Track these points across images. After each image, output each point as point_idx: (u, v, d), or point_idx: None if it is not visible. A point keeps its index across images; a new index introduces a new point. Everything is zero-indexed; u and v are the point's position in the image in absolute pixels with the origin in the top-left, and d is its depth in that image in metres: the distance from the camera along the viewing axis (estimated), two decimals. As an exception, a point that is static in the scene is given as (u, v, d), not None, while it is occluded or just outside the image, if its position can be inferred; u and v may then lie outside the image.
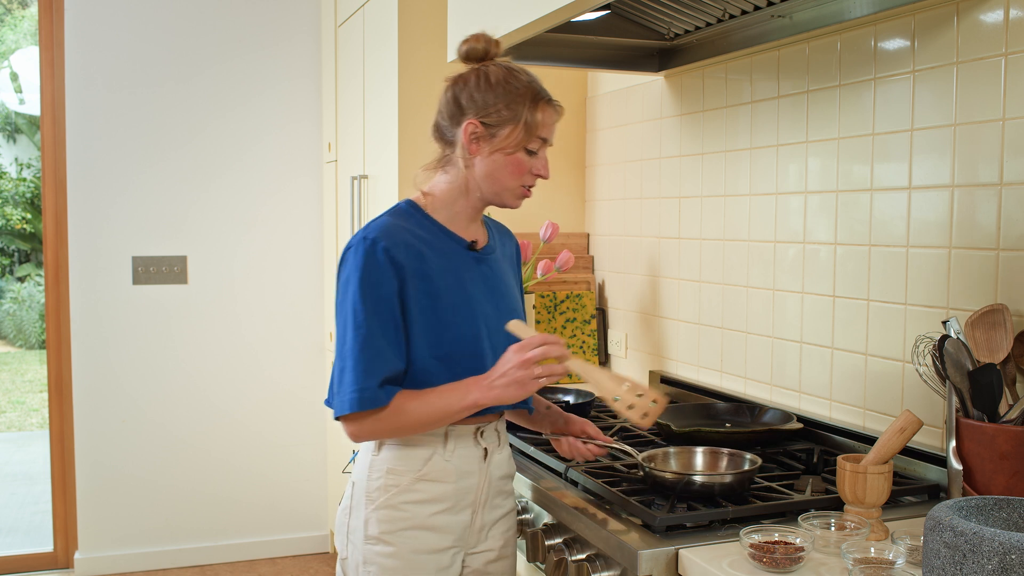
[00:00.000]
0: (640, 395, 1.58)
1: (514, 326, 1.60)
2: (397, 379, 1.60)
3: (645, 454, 1.79)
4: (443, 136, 1.69)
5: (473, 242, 1.70)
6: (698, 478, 1.68)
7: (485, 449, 1.68)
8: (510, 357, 1.56)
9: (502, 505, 1.74)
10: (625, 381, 1.60)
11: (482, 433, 1.68)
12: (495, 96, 1.62)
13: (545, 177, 1.68)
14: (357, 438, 1.62)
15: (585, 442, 1.76)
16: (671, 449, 1.86)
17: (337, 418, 1.61)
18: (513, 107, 1.62)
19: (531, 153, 1.64)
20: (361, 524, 1.65)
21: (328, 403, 1.68)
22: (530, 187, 1.68)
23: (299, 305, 3.95)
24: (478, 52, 1.68)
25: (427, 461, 1.64)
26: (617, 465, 1.88)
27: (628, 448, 1.79)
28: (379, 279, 1.58)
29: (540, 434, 1.95)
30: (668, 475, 1.70)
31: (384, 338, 1.57)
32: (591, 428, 1.79)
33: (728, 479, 1.67)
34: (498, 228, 1.84)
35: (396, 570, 1.62)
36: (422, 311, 1.60)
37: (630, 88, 2.86)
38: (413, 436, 1.63)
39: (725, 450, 1.83)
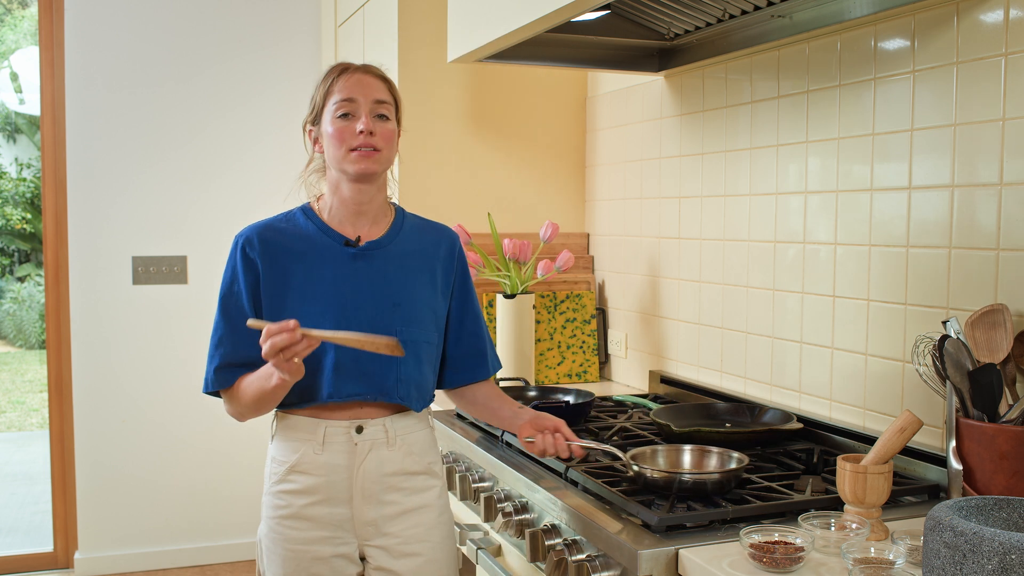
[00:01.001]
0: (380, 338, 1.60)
1: (251, 323, 1.62)
2: (248, 365, 1.72)
3: (631, 452, 1.79)
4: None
5: (356, 239, 1.77)
6: (687, 476, 1.68)
7: (356, 445, 1.73)
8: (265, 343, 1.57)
9: (399, 502, 1.76)
10: (366, 336, 1.61)
11: (359, 429, 1.73)
12: (313, 94, 1.79)
13: (368, 131, 1.70)
14: (232, 416, 1.81)
15: (569, 443, 1.76)
16: (659, 447, 1.86)
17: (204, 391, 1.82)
18: (320, 90, 1.76)
19: (345, 116, 1.72)
20: (262, 504, 1.80)
21: None
22: (361, 147, 1.70)
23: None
24: None
25: (298, 453, 1.74)
26: (617, 465, 1.88)
27: (613, 448, 1.78)
28: (233, 275, 1.76)
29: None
30: (656, 474, 1.70)
31: (228, 328, 1.74)
32: (565, 428, 1.79)
33: (716, 477, 1.67)
34: (420, 229, 1.86)
35: (274, 552, 1.74)
36: (276, 302, 1.73)
37: (630, 88, 2.86)
38: (291, 430, 1.75)
39: (714, 448, 1.83)
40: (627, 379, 2.94)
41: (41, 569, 3.90)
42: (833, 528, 1.48)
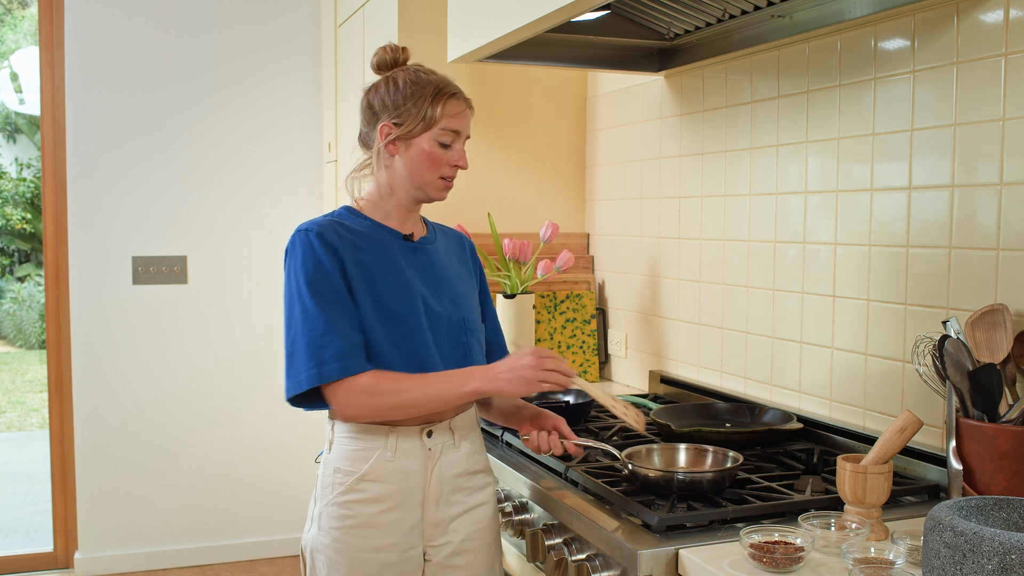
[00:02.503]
0: (627, 407, 1.79)
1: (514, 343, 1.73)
2: (358, 353, 1.66)
3: (627, 451, 1.80)
4: (366, 143, 1.81)
5: (409, 234, 1.80)
6: (681, 475, 1.69)
7: (430, 449, 1.72)
8: (526, 356, 1.65)
9: (463, 501, 1.77)
10: (616, 397, 1.79)
11: (429, 433, 1.72)
12: (403, 97, 1.73)
13: (462, 167, 1.77)
14: (346, 415, 1.68)
15: (562, 440, 1.80)
16: (655, 446, 1.86)
17: (291, 399, 1.71)
18: (420, 104, 1.72)
19: (444, 146, 1.74)
20: (317, 515, 1.74)
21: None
22: (450, 178, 1.77)
23: (299, 305, 3.95)
24: (387, 61, 1.79)
25: (369, 462, 1.70)
26: (617, 465, 1.88)
27: (610, 447, 1.79)
28: (316, 261, 1.68)
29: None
30: (651, 472, 1.70)
31: (329, 312, 1.66)
32: (564, 427, 1.82)
33: (710, 475, 1.68)
34: (444, 231, 1.92)
35: (340, 564, 1.70)
36: (367, 289, 1.70)
37: (630, 88, 2.86)
38: (357, 439, 1.70)
39: (709, 447, 1.83)
40: (627, 379, 2.94)
41: (41, 569, 3.90)
42: (833, 528, 1.48)
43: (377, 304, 1.69)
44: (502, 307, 2.81)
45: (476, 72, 3.04)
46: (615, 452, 1.78)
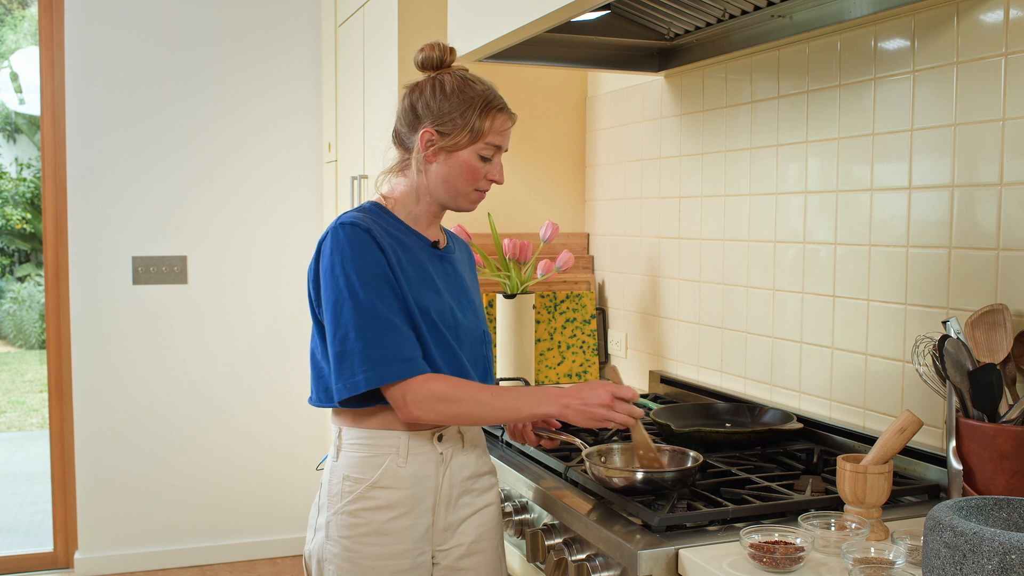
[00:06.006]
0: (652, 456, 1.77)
1: (610, 372, 1.77)
2: (417, 353, 1.61)
3: (589, 449, 1.80)
4: (402, 142, 1.76)
5: (436, 242, 1.78)
6: (640, 475, 1.68)
7: (441, 453, 1.71)
8: (601, 392, 1.63)
9: (472, 503, 1.76)
10: (657, 451, 1.77)
11: (440, 437, 1.71)
12: (450, 104, 1.68)
13: (499, 183, 1.74)
14: (411, 416, 1.60)
15: (538, 434, 1.82)
16: (615, 446, 1.85)
17: (340, 400, 1.61)
18: (467, 115, 1.68)
19: (485, 159, 1.70)
20: (324, 524, 1.69)
21: (315, 401, 1.73)
22: (485, 191, 1.75)
23: (299, 305, 3.95)
24: (433, 60, 1.75)
25: (381, 468, 1.67)
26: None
27: (577, 441, 1.80)
28: (371, 256, 1.61)
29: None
30: (608, 472, 1.70)
31: (388, 312, 1.59)
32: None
33: (669, 476, 1.67)
34: (455, 238, 1.90)
35: (350, 573, 1.66)
36: (407, 295, 1.64)
37: (630, 88, 2.86)
38: (368, 446, 1.67)
39: (667, 447, 1.80)
40: (627, 379, 2.94)
41: (41, 569, 3.90)
42: (833, 528, 1.48)
43: (420, 308, 1.65)
44: (502, 307, 2.81)
45: (476, 72, 3.04)
46: (581, 446, 1.79)
